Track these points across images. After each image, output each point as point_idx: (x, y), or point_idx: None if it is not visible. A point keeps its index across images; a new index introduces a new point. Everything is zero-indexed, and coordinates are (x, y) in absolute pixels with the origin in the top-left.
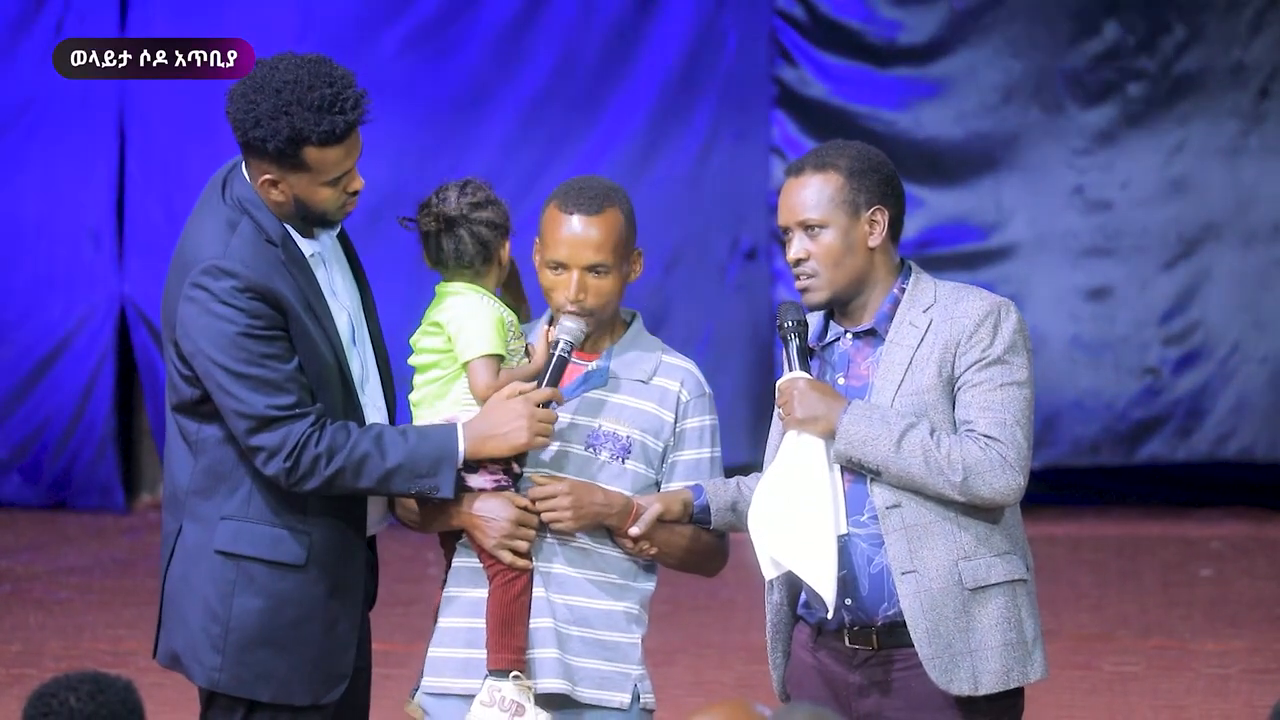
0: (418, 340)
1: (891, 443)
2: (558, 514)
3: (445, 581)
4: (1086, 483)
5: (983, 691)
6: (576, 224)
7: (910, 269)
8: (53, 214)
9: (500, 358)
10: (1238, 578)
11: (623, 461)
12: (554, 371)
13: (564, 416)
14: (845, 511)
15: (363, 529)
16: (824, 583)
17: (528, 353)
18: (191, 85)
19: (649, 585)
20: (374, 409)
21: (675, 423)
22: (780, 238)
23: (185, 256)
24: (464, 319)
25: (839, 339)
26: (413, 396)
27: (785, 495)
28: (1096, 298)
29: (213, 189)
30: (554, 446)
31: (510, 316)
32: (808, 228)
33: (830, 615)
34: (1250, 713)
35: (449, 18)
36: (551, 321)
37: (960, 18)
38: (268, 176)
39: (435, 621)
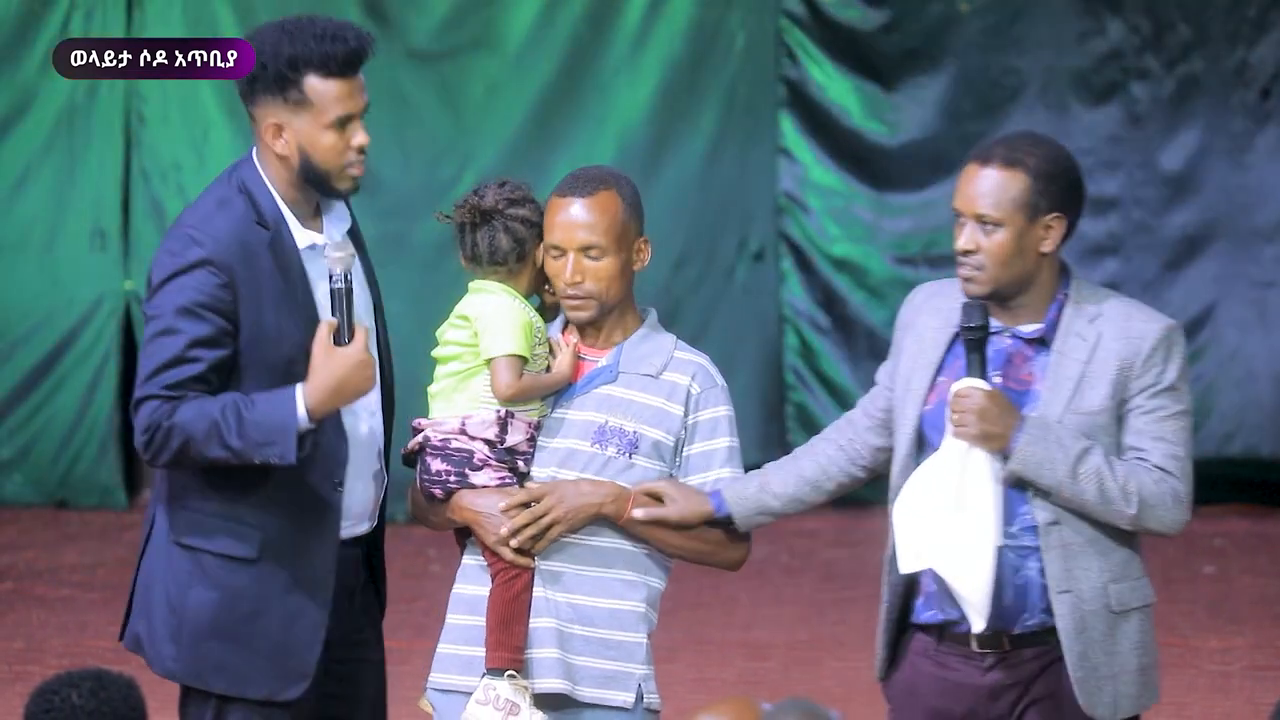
0: (444, 332)
1: (1068, 468)
2: (549, 518)
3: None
4: None
5: (1120, 717)
6: (570, 206)
7: (1070, 273)
8: (58, 212)
9: (524, 359)
10: (1240, 575)
11: (629, 457)
12: (334, 305)
13: (571, 413)
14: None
15: (329, 526)
16: (977, 598)
17: (552, 351)
18: (198, 84)
19: (659, 583)
20: (366, 411)
21: (686, 416)
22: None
23: (173, 228)
24: (491, 316)
25: (998, 334)
26: (432, 388)
27: (945, 499)
28: None
29: (222, 173)
30: (562, 443)
31: (538, 322)
32: (983, 221)
33: (977, 630)
34: (1252, 710)
35: (454, 19)
36: (565, 323)
37: (966, 18)
38: (272, 120)
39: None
